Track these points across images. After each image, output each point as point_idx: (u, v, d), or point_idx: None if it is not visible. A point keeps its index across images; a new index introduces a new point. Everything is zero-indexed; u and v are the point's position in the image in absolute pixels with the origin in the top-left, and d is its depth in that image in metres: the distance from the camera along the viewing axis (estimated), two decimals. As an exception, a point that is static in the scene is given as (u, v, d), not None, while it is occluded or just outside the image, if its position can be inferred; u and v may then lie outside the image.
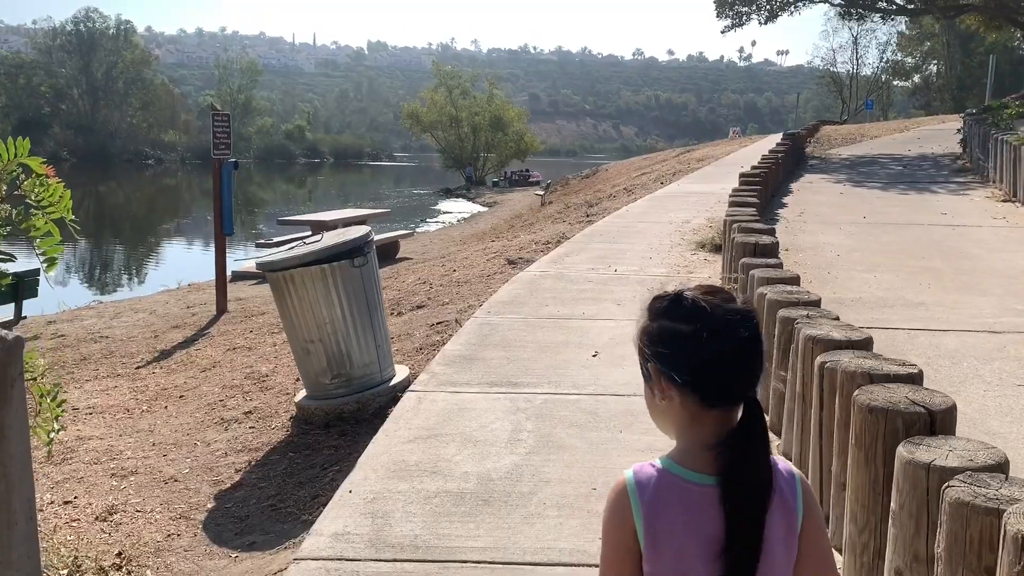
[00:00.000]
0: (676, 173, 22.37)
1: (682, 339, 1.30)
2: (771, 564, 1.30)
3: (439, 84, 56.71)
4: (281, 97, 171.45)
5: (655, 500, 1.30)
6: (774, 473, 1.32)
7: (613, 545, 1.34)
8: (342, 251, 4.63)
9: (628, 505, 1.31)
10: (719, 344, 1.29)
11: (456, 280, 9.39)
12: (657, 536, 1.29)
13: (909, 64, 73.89)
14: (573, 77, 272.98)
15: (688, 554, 1.28)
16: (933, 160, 17.31)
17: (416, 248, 20.73)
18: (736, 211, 7.35)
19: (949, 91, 66.95)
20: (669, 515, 1.29)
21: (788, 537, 1.33)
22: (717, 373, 1.30)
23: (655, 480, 1.31)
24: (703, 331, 1.29)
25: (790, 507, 1.33)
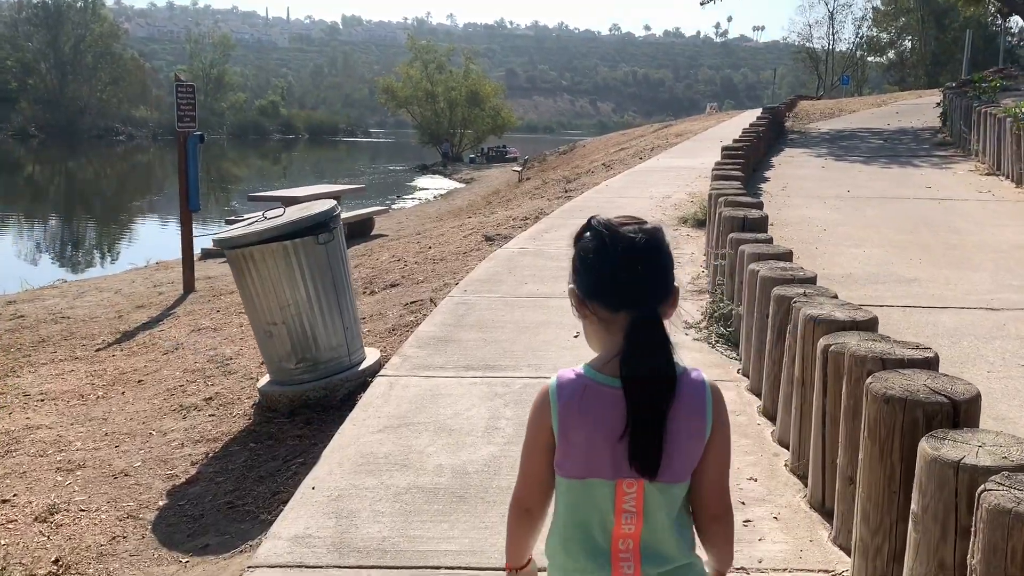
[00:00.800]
0: (654, 148, 22.09)
1: (586, 258, 1.50)
2: (671, 459, 1.43)
3: (414, 58, 55.89)
4: (255, 72, 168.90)
5: (569, 400, 1.46)
6: (680, 379, 1.47)
7: (531, 438, 1.53)
8: (305, 226, 4.30)
9: (548, 404, 1.48)
10: (610, 258, 1.45)
11: (432, 257, 9.08)
12: (568, 430, 1.45)
13: (884, 40, 73.97)
14: (550, 52, 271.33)
15: (595, 446, 1.44)
16: (913, 134, 17.13)
17: (391, 225, 20.34)
18: (721, 184, 7.08)
19: (923, 67, 67.11)
20: (579, 412, 1.45)
21: (692, 440, 1.46)
22: (611, 283, 1.46)
23: (572, 383, 1.48)
24: (599, 249, 1.47)
25: (696, 412, 1.47)
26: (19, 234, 25.03)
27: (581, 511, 1.48)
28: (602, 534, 1.48)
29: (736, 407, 3.96)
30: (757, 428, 3.74)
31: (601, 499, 1.46)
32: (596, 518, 1.47)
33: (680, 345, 4.54)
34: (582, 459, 1.45)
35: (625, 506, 1.46)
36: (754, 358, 4.13)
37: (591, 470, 1.45)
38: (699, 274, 6.44)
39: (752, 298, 4.19)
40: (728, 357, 4.66)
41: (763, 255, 4.41)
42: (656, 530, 1.47)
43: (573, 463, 1.46)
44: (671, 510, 1.48)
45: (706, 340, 4.90)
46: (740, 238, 4.91)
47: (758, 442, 3.62)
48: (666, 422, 1.42)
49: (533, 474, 1.55)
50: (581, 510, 1.48)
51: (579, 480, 1.47)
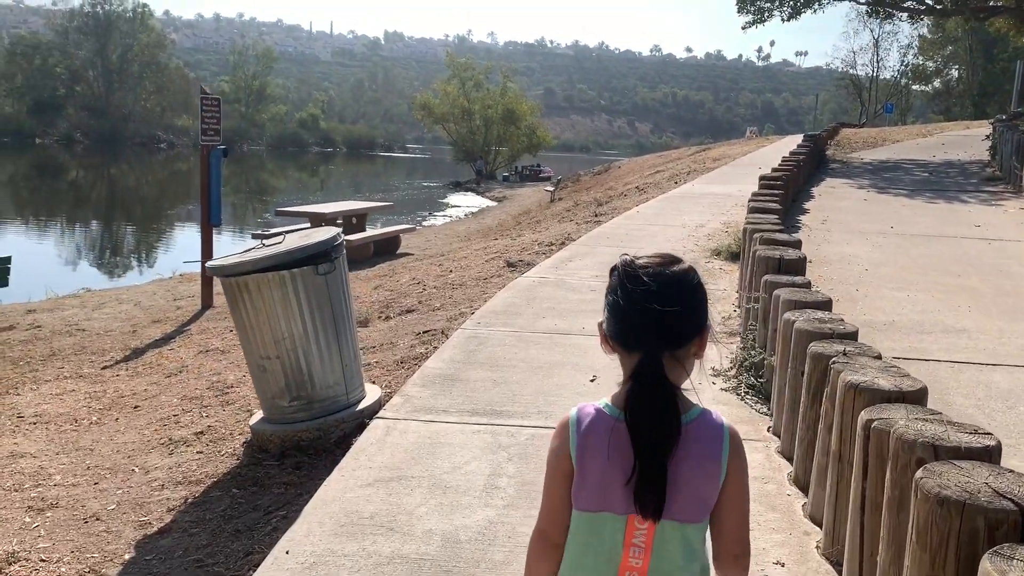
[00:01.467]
0: (691, 172, 21.70)
1: (608, 296, 1.52)
2: (684, 500, 1.45)
3: (452, 75, 55.90)
4: (296, 85, 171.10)
5: (587, 432, 1.49)
6: (695, 423, 1.48)
7: (552, 469, 1.53)
8: (305, 256, 4.00)
9: (567, 436, 1.51)
10: (626, 299, 1.47)
11: (451, 282, 8.77)
12: (585, 462, 1.48)
13: (930, 68, 72.94)
14: (589, 72, 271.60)
15: (610, 480, 1.46)
16: (960, 167, 16.58)
17: (419, 243, 20.12)
18: (757, 218, 6.70)
19: (970, 97, 66.00)
20: (596, 445, 1.47)
21: (707, 483, 1.48)
22: (625, 323, 1.48)
23: (591, 415, 1.51)
24: (618, 288, 1.49)
25: (711, 456, 1.48)
26: (54, 239, 25.20)
27: (591, 544, 1.51)
28: (608, 567, 1.50)
29: (764, 472, 3.58)
30: (787, 500, 3.36)
31: (611, 533, 1.49)
32: (604, 550, 1.50)
33: (704, 393, 4.13)
34: (596, 492, 1.49)
35: (635, 540, 1.49)
36: (786, 418, 3.75)
37: (604, 504, 1.48)
38: (731, 314, 6.06)
39: (786, 351, 3.82)
40: (758, 412, 4.27)
41: (800, 303, 4.04)
42: (664, 568, 1.49)
43: (587, 495, 1.50)
44: (686, 549, 1.50)
45: (735, 391, 4.52)
46: (775, 281, 4.53)
47: (787, 516, 3.24)
48: (668, 467, 1.44)
49: (556, 506, 1.55)
50: (591, 543, 1.51)
51: (593, 513, 1.50)
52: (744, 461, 1.55)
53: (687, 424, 1.47)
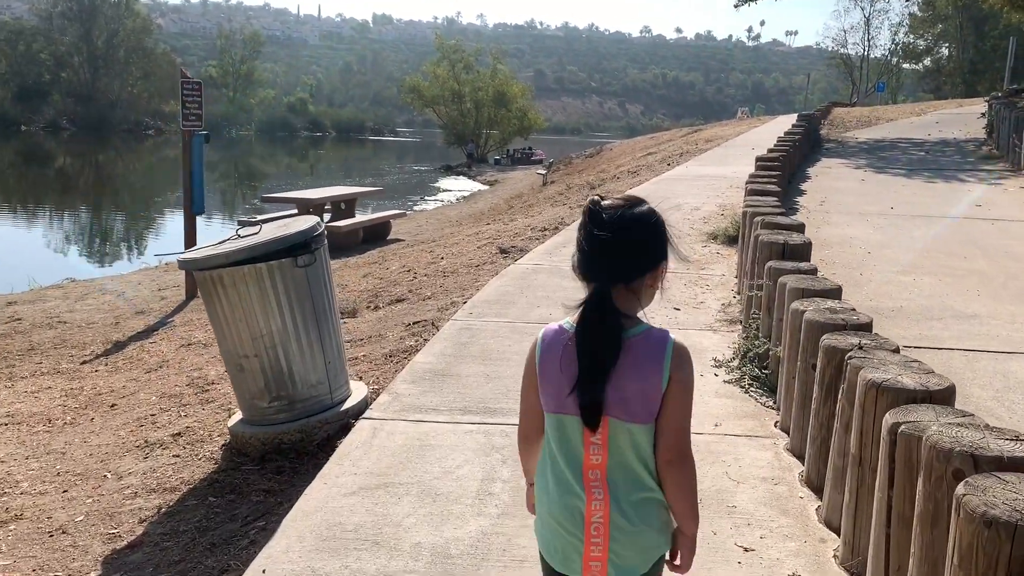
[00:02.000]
0: (683, 154, 21.46)
1: (578, 231, 1.68)
2: (628, 402, 1.64)
3: (442, 58, 55.34)
4: (285, 69, 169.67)
5: (547, 345, 1.73)
6: (638, 337, 1.65)
7: (525, 378, 1.79)
8: (282, 247, 3.75)
9: (534, 349, 1.75)
10: (586, 236, 1.65)
11: (442, 270, 8.53)
12: (544, 371, 1.71)
13: (920, 47, 72.67)
14: (579, 54, 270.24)
15: (562, 388, 1.67)
16: (956, 145, 16.36)
17: (410, 228, 19.83)
18: (756, 201, 6.47)
19: (961, 75, 65.78)
20: (553, 356, 1.69)
21: (649, 387, 1.64)
22: (583, 256, 1.66)
23: (554, 332, 1.74)
24: (582, 226, 1.66)
25: (654, 363, 1.64)
26: (40, 227, 24.82)
27: (558, 442, 1.68)
28: (574, 463, 1.67)
29: (774, 472, 3.37)
30: (799, 503, 3.15)
31: (572, 432, 1.66)
32: (568, 448, 1.67)
33: (707, 384, 3.87)
34: (555, 396, 1.67)
35: (593, 439, 1.65)
36: (795, 414, 3.54)
37: (562, 407, 1.66)
38: (730, 301, 5.83)
39: (795, 342, 3.60)
40: (764, 405, 4.06)
41: (808, 291, 3.82)
42: (623, 464, 1.66)
43: (548, 399, 1.69)
44: (638, 450, 1.65)
45: (738, 383, 4.31)
46: (780, 267, 4.31)
47: (801, 522, 3.02)
48: (610, 374, 1.61)
49: (528, 409, 1.78)
50: (558, 441, 1.68)
51: (555, 415, 1.68)
52: (688, 375, 1.67)
53: (630, 338, 1.64)
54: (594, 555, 1.66)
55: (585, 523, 1.66)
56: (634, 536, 1.65)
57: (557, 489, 1.69)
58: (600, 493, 1.65)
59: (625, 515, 1.65)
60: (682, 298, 5.85)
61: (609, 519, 1.65)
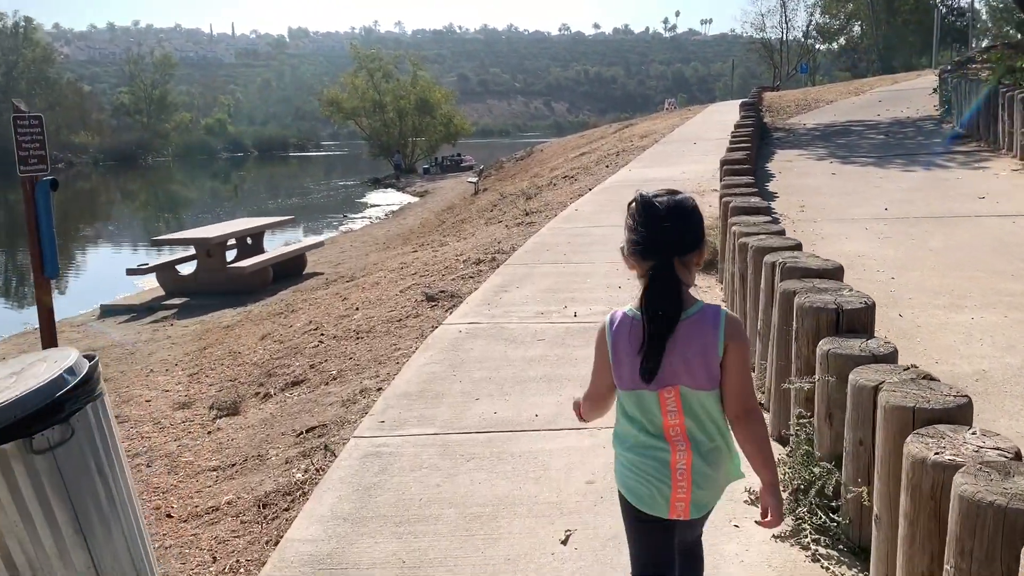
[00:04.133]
0: (620, 153, 20.09)
1: (630, 221, 1.94)
2: (691, 373, 1.89)
3: (359, 68, 53.22)
4: (201, 91, 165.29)
5: (617, 329, 1.96)
6: (696, 314, 1.90)
7: (598, 359, 2.02)
8: (8, 423, 2.08)
9: (605, 334, 1.99)
10: (644, 220, 1.90)
11: (356, 328, 6.85)
12: (618, 352, 1.95)
13: (834, 26, 73.33)
14: (501, 55, 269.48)
15: (632, 366, 1.92)
16: (914, 125, 15.22)
17: (332, 256, 18.02)
18: (748, 225, 4.94)
19: (876, 52, 66.31)
20: (622, 340, 1.94)
21: (708, 356, 1.89)
22: (644, 238, 1.89)
23: (621, 318, 1.97)
24: (637, 214, 1.92)
25: (709, 333, 1.89)
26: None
27: (640, 411, 1.95)
28: (655, 426, 1.94)
29: None
30: None
31: (650, 404, 1.93)
32: (650, 416, 1.94)
33: (744, 554, 2.28)
34: (628, 375, 1.93)
35: (669, 408, 1.92)
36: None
37: (636, 383, 1.92)
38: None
39: (916, 497, 2.06)
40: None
41: (922, 411, 2.28)
42: (696, 422, 1.92)
43: (624, 378, 1.95)
44: (707, 411, 1.92)
45: (796, 539, 2.75)
46: (845, 354, 2.77)
47: None
48: (674, 346, 1.88)
49: (601, 385, 2.04)
50: (640, 411, 1.95)
51: (631, 391, 1.94)
52: (743, 342, 1.93)
53: (691, 315, 1.90)
54: (679, 496, 1.93)
55: (672, 470, 1.93)
56: (710, 478, 1.94)
57: (641, 447, 1.96)
58: (683, 444, 1.93)
59: (705, 460, 1.93)
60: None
61: (691, 464, 1.92)
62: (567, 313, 5.67)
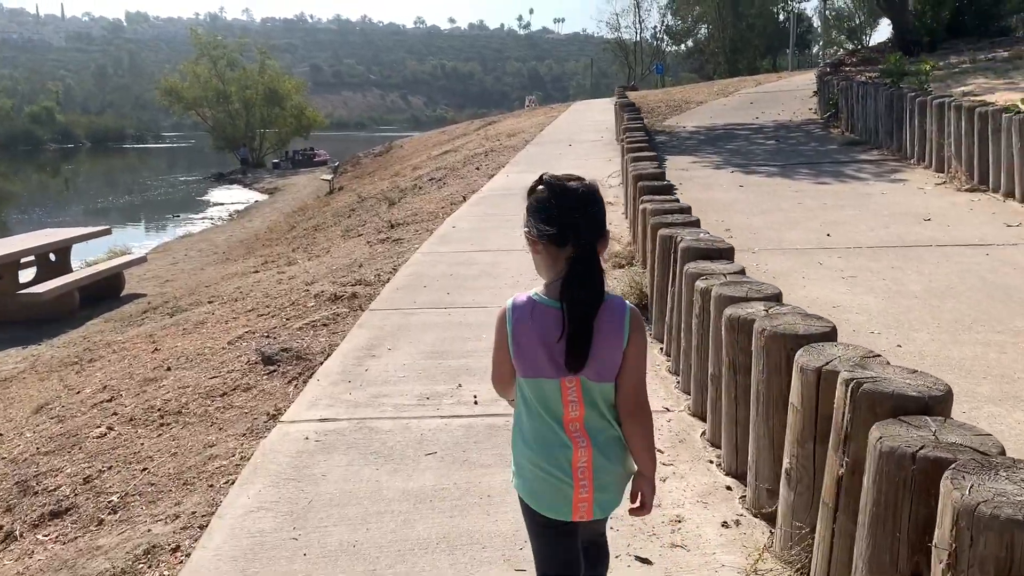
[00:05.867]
0: (489, 153, 18.57)
1: (540, 205, 1.84)
2: (597, 362, 1.83)
3: (201, 55, 49.44)
4: (27, 76, 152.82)
5: (519, 317, 1.87)
6: (606, 303, 1.84)
7: (497, 344, 1.93)
8: None
9: (505, 320, 1.90)
10: (560, 206, 1.81)
11: (163, 403, 4.95)
12: (519, 339, 1.87)
13: (681, 28, 74.96)
14: (355, 46, 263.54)
15: (539, 352, 1.84)
16: (800, 129, 14.42)
17: (161, 268, 15.60)
18: (706, 269, 3.45)
19: (723, 54, 68.04)
20: (526, 327, 1.86)
21: (612, 348, 1.84)
22: (560, 224, 1.80)
23: (523, 304, 1.89)
24: (551, 199, 1.83)
25: (616, 327, 1.84)
26: None
27: (538, 401, 1.87)
28: (554, 418, 1.87)
29: None
30: None
31: (550, 392, 1.86)
32: (548, 407, 1.87)
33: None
34: (531, 362, 1.86)
35: (569, 398, 1.86)
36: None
37: (538, 371, 1.86)
38: (731, 516, 2.77)
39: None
40: None
41: None
42: (596, 415, 1.87)
43: (525, 365, 1.88)
44: (605, 403, 1.88)
45: None
46: None
47: None
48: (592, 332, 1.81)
49: (500, 367, 1.95)
50: (538, 400, 1.87)
51: (532, 379, 1.87)
52: (643, 338, 1.89)
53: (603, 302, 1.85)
54: (582, 496, 1.86)
55: (572, 468, 1.85)
56: (612, 473, 1.88)
57: (540, 443, 1.87)
58: (583, 440, 1.86)
59: (604, 454, 1.87)
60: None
61: (592, 461, 1.86)
62: (463, 395, 4.02)
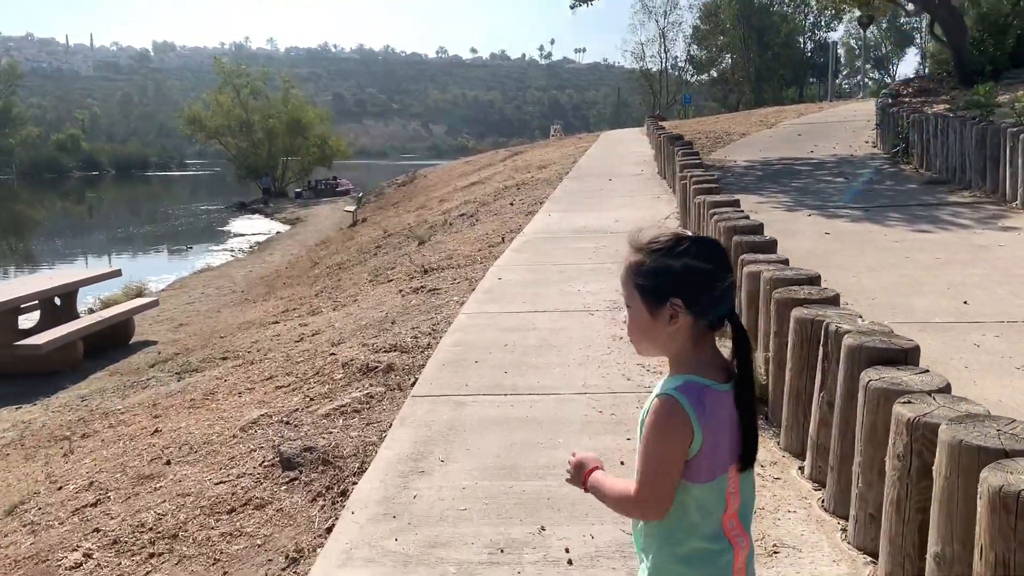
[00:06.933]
0: (520, 187, 17.57)
1: (705, 274, 1.49)
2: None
3: (224, 83, 49.05)
4: (55, 104, 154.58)
5: (707, 411, 1.50)
6: None
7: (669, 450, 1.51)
8: None
9: (686, 417, 1.49)
10: (723, 275, 1.50)
11: (155, 519, 3.90)
12: (711, 436, 1.51)
13: (704, 58, 74.53)
14: (377, 76, 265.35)
15: (721, 447, 1.52)
16: (867, 165, 13.31)
17: (176, 308, 14.65)
18: (894, 384, 2.36)
19: (748, 83, 67.30)
20: (713, 417, 1.51)
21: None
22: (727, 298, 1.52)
23: (700, 393, 1.51)
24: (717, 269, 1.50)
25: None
26: None
27: (708, 508, 1.54)
28: (716, 521, 1.55)
29: None
30: None
31: (721, 490, 1.54)
32: (719, 508, 1.55)
33: None
34: (714, 460, 1.52)
35: (730, 489, 1.56)
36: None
37: (721, 468, 1.54)
38: None
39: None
40: None
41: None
42: (746, 503, 1.60)
43: (709, 467, 1.52)
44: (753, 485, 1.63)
45: None
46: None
47: None
48: None
49: (670, 485, 1.53)
50: (709, 507, 1.54)
51: (713, 481, 1.53)
52: None
53: None
54: None
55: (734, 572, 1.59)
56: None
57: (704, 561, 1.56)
58: (743, 540, 1.60)
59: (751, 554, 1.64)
60: None
61: (747, 562, 1.61)
62: (550, 546, 2.93)
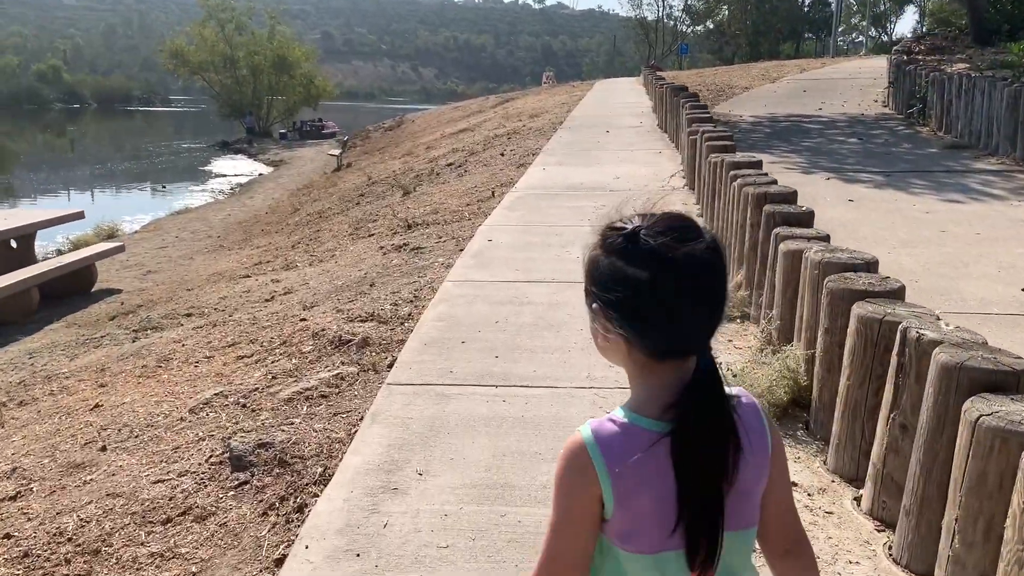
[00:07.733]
0: (511, 136, 16.79)
1: (634, 286, 1.05)
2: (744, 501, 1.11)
3: (208, 17, 47.38)
4: (36, 33, 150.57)
5: (619, 457, 1.07)
6: (738, 412, 1.09)
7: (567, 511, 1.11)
8: None
9: (590, 467, 1.08)
10: (675, 296, 1.03)
11: (75, 529, 3.27)
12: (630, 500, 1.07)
13: (703, 8, 73.22)
14: (368, 15, 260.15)
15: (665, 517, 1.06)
16: (880, 126, 12.61)
17: (148, 252, 13.89)
18: None
19: (745, 37, 66.16)
20: (636, 474, 1.07)
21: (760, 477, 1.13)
22: (670, 328, 1.05)
23: (620, 435, 1.09)
24: (659, 280, 1.03)
25: (761, 446, 1.13)
26: None
27: None
28: None
29: None
30: None
31: (675, 571, 1.09)
32: None
33: None
34: (653, 529, 1.07)
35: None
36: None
37: (663, 544, 1.08)
38: None
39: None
40: None
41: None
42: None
43: (642, 537, 1.08)
44: (743, 558, 1.14)
45: None
46: None
47: None
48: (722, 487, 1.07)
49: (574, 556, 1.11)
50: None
51: (652, 555, 1.09)
52: (780, 437, 1.18)
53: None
54: None
55: None
56: None
57: None
58: None
59: None
60: None
61: None
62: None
